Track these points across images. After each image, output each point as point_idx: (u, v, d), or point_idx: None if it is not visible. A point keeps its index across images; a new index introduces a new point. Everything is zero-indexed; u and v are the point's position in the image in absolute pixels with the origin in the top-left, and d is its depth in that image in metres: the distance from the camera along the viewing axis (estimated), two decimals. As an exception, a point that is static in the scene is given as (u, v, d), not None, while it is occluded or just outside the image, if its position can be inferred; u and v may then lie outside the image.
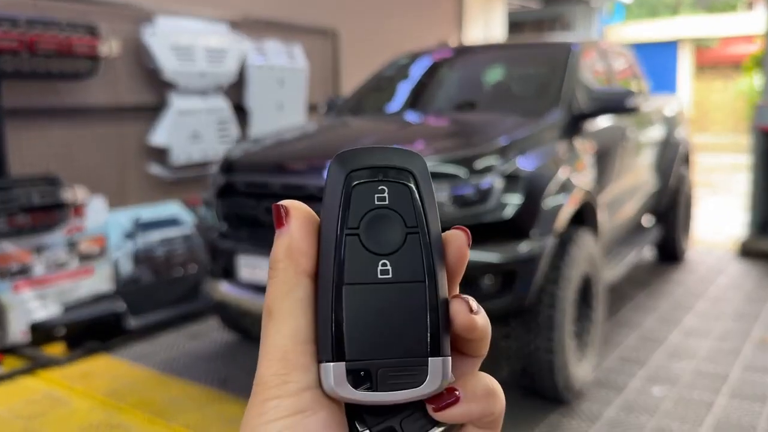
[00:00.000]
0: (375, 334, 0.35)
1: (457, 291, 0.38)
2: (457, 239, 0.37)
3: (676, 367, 3.45)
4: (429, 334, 0.35)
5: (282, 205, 0.36)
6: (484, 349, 0.38)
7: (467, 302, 0.36)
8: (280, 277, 0.35)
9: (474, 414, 0.36)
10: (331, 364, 0.34)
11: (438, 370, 0.35)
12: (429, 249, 0.36)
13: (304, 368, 0.34)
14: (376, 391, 0.34)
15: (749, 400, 3.07)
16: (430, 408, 0.36)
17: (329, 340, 0.34)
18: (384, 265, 0.35)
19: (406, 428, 0.36)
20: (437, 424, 0.36)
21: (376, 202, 0.36)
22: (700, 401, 3.07)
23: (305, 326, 0.35)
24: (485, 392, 0.36)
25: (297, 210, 0.36)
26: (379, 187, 0.36)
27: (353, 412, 0.36)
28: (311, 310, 0.35)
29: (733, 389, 3.19)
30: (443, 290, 0.36)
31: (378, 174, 0.36)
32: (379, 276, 0.35)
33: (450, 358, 0.35)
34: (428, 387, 0.35)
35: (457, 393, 0.36)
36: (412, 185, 0.36)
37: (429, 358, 0.35)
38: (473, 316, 0.36)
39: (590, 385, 3.20)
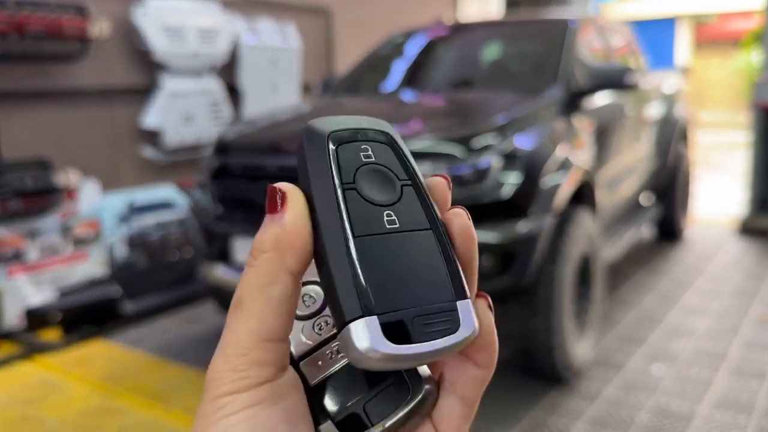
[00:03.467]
0: (398, 284, 0.32)
1: None
2: (439, 186, 0.36)
3: (675, 346, 3.44)
4: (450, 279, 0.33)
5: (279, 189, 0.33)
6: (475, 277, 0.36)
7: (464, 211, 0.35)
8: (261, 269, 0.32)
9: (491, 341, 0.34)
10: (362, 320, 0.30)
11: (469, 313, 0.32)
12: (425, 199, 0.35)
13: (265, 364, 0.32)
14: (415, 342, 0.31)
15: (748, 378, 3.06)
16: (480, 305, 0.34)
17: (353, 296, 0.31)
18: (389, 215, 0.33)
19: (371, 411, 0.33)
20: (403, 402, 0.33)
21: (364, 159, 0.34)
22: (699, 379, 3.06)
23: (274, 325, 0.32)
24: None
25: (295, 198, 0.33)
26: (362, 146, 0.35)
27: (313, 403, 0.34)
28: (284, 311, 0.32)
29: (732, 367, 3.18)
30: (449, 239, 0.34)
31: (357, 135, 0.35)
32: (388, 226, 0.33)
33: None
34: (463, 332, 0.32)
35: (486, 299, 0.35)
36: (392, 146, 0.36)
37: (457, 302, 0.32)
38: (470, 222, 0.35)
39: (589, 363, 3.19)
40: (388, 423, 0.32)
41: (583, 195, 3.22)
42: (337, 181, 0.33)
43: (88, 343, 3.65)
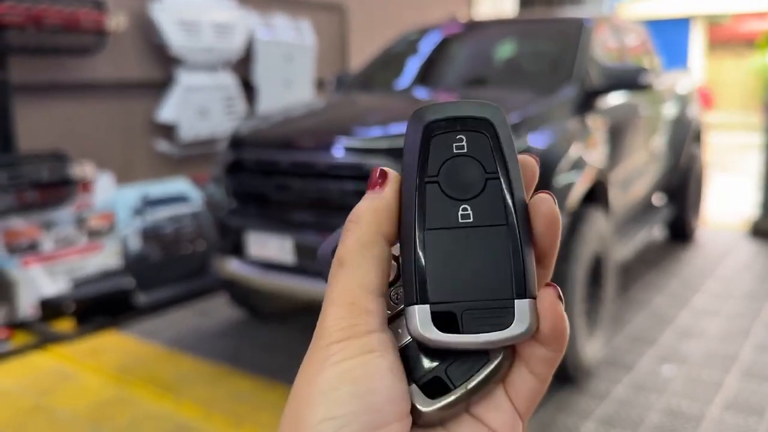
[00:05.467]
0: (458, 277, 0.34)
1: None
2: (526, 166, 0.37)
3: (686, 347, 3.43)
4: (514, 276, 0.34)
5: (383, 169, 0.37)
6: (553, 263, 0.37)
7: (551, 195, 0.35)
8: (361, 232, 0.36)
9: (560, 331, 0.35)
10: (416, 306, 0.34)
11: (525, 311, 0.34)
12: (511, 193, 0.35)
13: (372, 314, 0.34)
14: (462, 333, 0.34)
15: (759, 380, 3.06)
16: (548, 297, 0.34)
17: (413, 284, 0.34)
18: (465, 209, 0.35)
19: (452, 375, 0.35)
20: (482, 367, 0.35)
21: (455, 151, 0.36)
22: (710, 381, 3.06)
23: (376, 279, 0.35)
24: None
25: (395, 179, 0.37)
26: (457, 137, 0.36)
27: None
28: (382, 270, 0.35)
29: (743, 369, 3.17)
30: (525, 234, 0.35)
31: (456, 124, 0.36)
32: (460, 220, 0.35)
33: (536, 301, 0.34)
34: (515, 329, 0.33)
35: (559, 290, 0.35)
36: (490, 133, 0.36)
37: (515, 300, 0.34)
38: (557, 209, 0.35)
39: (599, 363, 3.19)
40: (470, 385, 0.35)
41: (596, 194, 3.22)
42: (421, 174, 0.35)
43: (101, 334, 3.68)
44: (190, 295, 4.23)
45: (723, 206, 6.82)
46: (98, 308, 3.84)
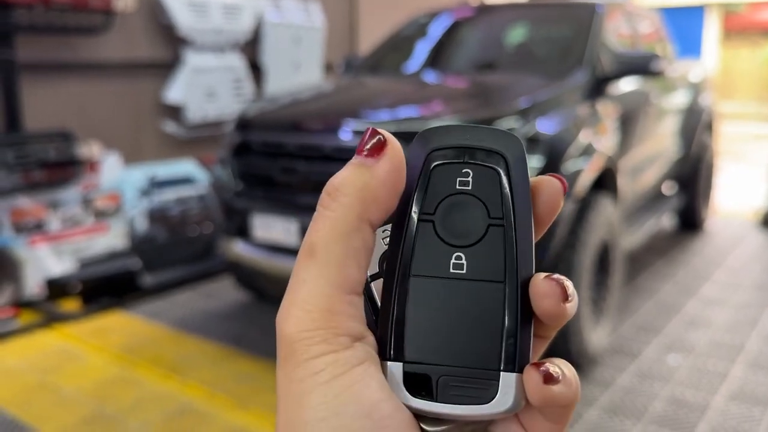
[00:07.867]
0: (441, 336, 0.30)
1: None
2: (551, 187, 0.32)
3: (692, 336, 3.41)
4: (504, 345, 0.30)
5: (381, 134, 0.31)
6: (557, 329, 0.32)
7: (562, 286, 0.30)
8: (339, 214, 0.30)
9: (567, 397, 0.30)
10: (388, 363, 0.30)
11: (511, 387, 0.30)
12: (513, 246, 0.30)
13: (353, 318, 0.30)
14: (435, 401, 0.30)
15: (765, 371, 3.04)
16: (533, 381, 0.29)
17: (388, 338, 0.30)
18: (458, 258, 0.31)
19: None
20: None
21: (458, 187, 0.31)
22: (715, 371, 3.04)
23: (355, 278, 0.30)
24: (572, 373, 0.31)
25: (394, 150, 0.30)
26: (463, 170, 0.31)
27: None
28: (363, 264, 0.30)
29: (749, 360, 3.15)
30: (526, 298, 0.31)
31: (463, 155, 0.31)
32: (452, 270, 0.31)
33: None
34: (497, 406, 0.30)
35: (551, 370, 0.29)
36: (502, 170, 0.31)
37: (501, 372, 0.30)
38: (565, 306, 0.30)
39: (605, 351, 3.18)
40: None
41: (605, 181, 3.19)
42: (415, 209, 0.31)
43: (106, 314, 3.70)
44: (196, 276, 4.24)
45: (734, 196, 6.76)
46: (104, 288, 3.86)
